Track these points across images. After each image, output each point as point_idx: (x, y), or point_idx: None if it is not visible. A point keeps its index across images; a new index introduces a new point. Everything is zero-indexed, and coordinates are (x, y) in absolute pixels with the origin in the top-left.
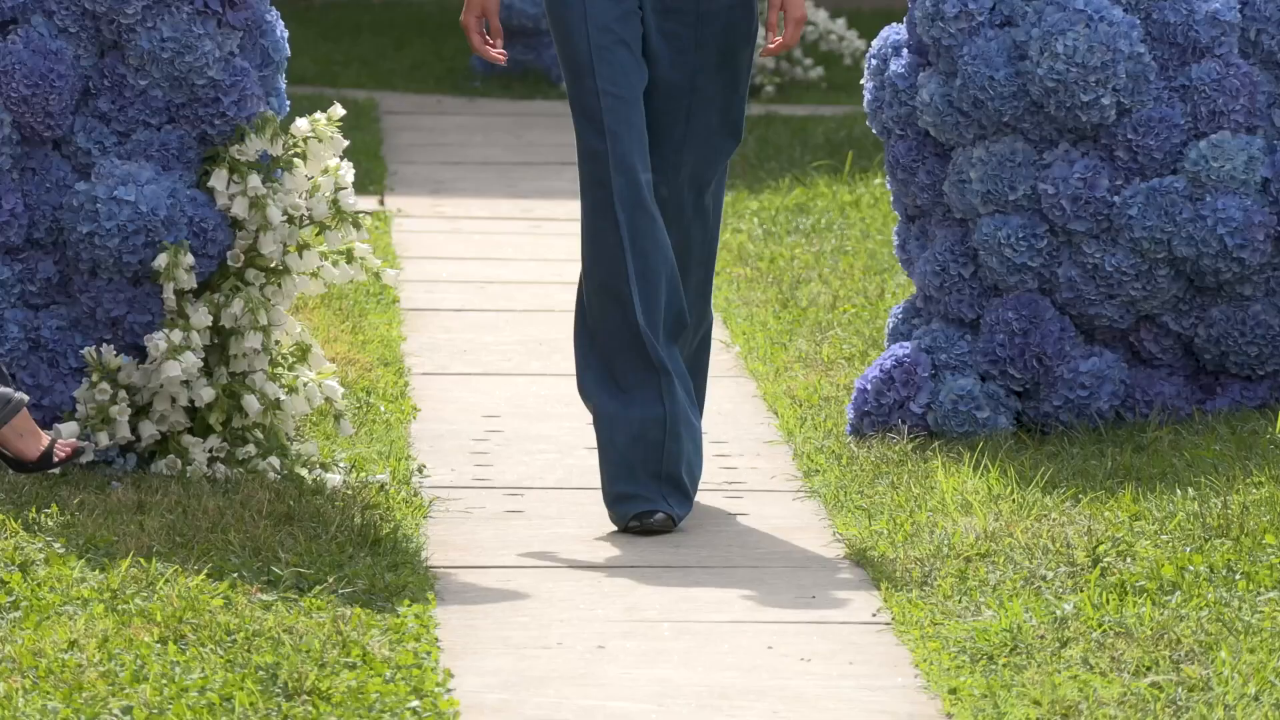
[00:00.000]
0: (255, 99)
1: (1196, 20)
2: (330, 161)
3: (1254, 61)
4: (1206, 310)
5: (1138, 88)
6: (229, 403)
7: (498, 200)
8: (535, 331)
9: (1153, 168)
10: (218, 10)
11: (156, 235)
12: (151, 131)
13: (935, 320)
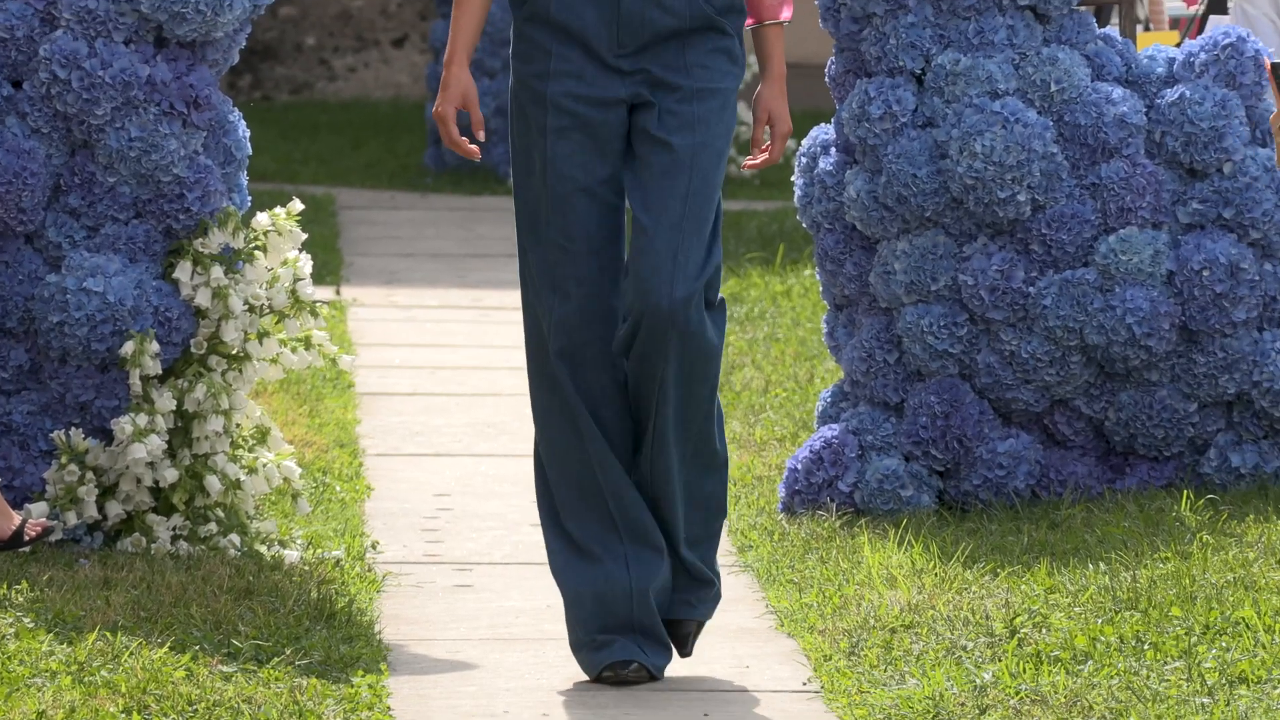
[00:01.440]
0: (218, 195)
1: (1105, 123)
2: (289, 253)
3: (1159, 161)
4: (1116, 395)
5: (1051, 185)
6: (192, 483)
7: (448, 290)
8: (483, 414)
9: (1065, 260)
10: (183, 111)
11: (123, 324)
12: (119, 226)
13: (862, 404)
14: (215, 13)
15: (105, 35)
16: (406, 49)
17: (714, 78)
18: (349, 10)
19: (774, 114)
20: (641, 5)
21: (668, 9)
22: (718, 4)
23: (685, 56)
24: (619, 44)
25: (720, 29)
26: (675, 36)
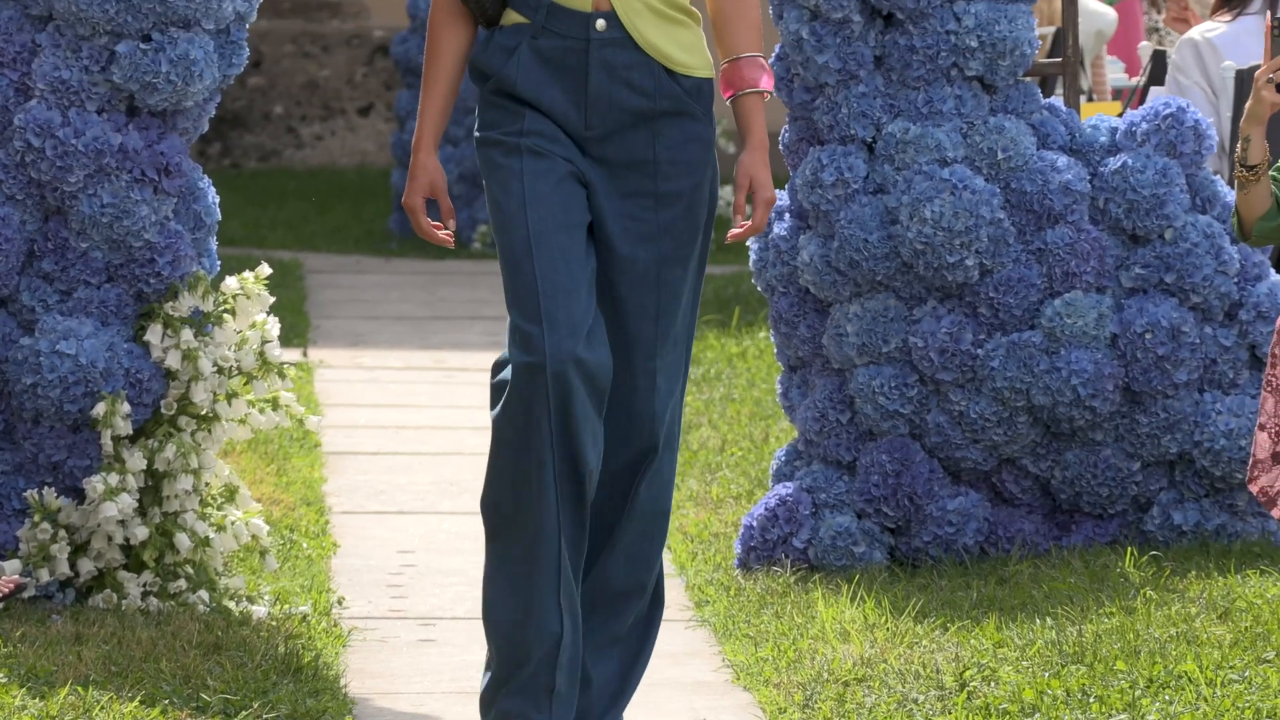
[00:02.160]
0: (188, 259)
1: (1051, 190)
2: (257, 316)
3: (1102, 227)
4: (1062, 454)
5: (998, 250)
6: (162, 540)
7: (412, 352)
8: (447, 473)
9: (1012, 323)
10: (154, 178)
11: (95, 386)
12: (92, 290)
13: (815, 462)
14: (185, 83)
15: (79, 105)
16: (372, 117)
17: (682, 174)
18: (316, 80)
19: (756, 181)
20: (609, 84)
21: (636, 88)
22: (686, 84)
23: (655, 148)
24: (587, 125)
25: (691, 113)
26: (645, 120)
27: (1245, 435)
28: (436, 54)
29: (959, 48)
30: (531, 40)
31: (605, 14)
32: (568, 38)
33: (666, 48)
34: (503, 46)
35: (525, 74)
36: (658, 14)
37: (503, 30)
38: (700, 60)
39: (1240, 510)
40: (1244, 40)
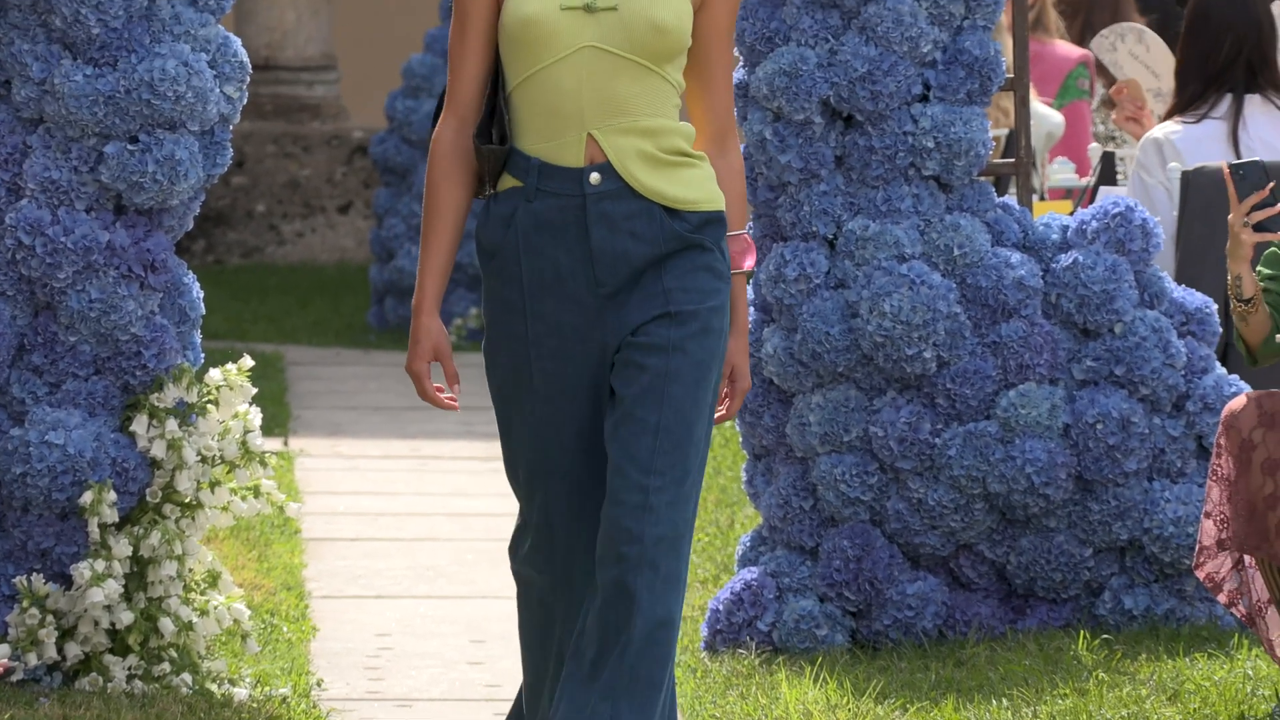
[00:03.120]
0: (173, 352)
1: (1005, 285)
2: (240, 407)
3: (1055, 321)
4: (1017, 540)
5: (955, 343)
6: (146, 625)
7: (390, 441)
8: (423, 558)
9: (969, 414)
10: (140, 274)
11: (83, 475)
12: (80, 382)
13: (779, 548)
14: (171, 182)
15: (68, 204)
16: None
17: (693, 299)
18: (297, 179)
19: (736, 369)
20: (612, 238)
21: (641, 237)
22: (693, 219)
23: (663, 281)
24: (597, 283)
25: (699, 244)
26: (653, 265)
27: (1193, 522)
28: (436, 212)
29: (916, 148)
30: (526, 204)
31: (599, 166)
32: (562, 196)
33: (666, 188)
34: (499, 216)
35: (526, 241)
36: (653, 160)
37: (498, 198)
38: (705, 194)
39: (1188, 595)
40: (1206, 143)
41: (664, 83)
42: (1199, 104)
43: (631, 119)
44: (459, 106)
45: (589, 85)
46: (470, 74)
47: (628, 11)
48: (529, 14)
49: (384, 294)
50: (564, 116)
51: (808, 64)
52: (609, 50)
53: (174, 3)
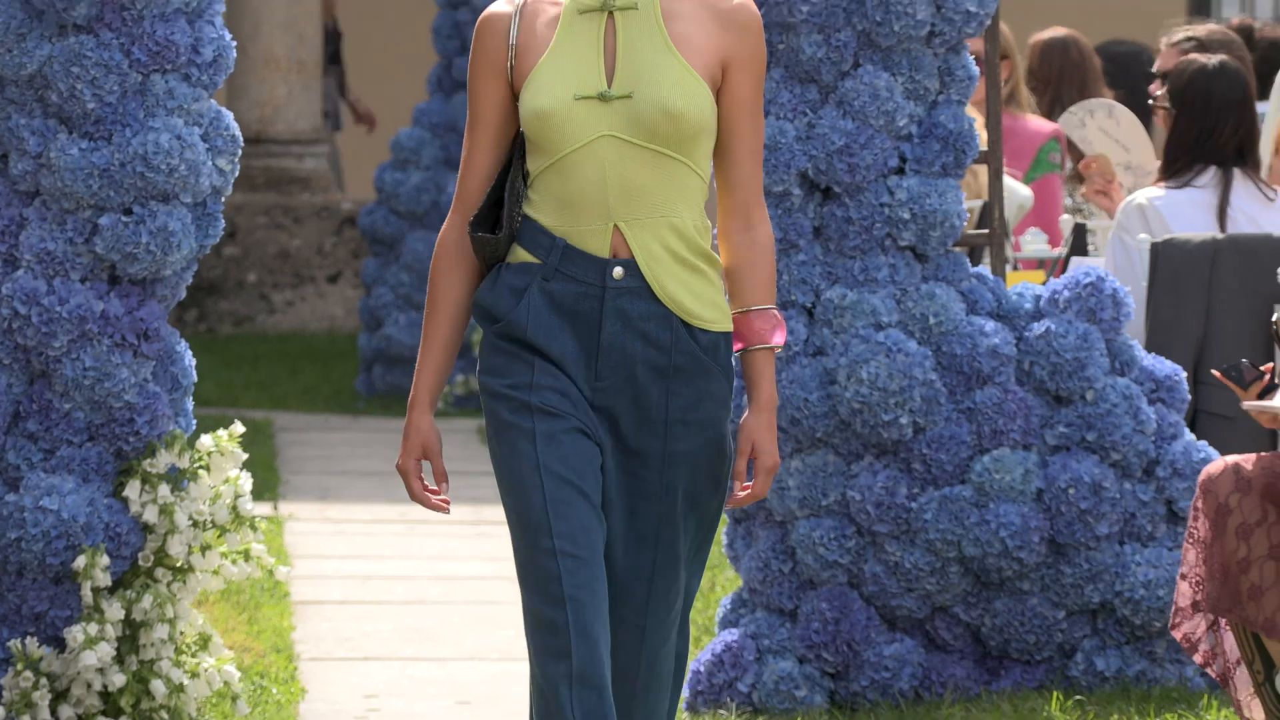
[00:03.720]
0: (166, 419)
1: (979, 353)
2: (231, 472)
3: (1028, 388)
4: (991, 603)
5: (930, 410)
6: (138, 687)
7: (377, 505)
8: (410, 620)
9: (944, 478)
10: (134, 343)
11: (76, 540)
12: (74, 448)
13: (759, 610)
14: (164, 253)
15: (63, 274)
16: (340, 284)
17: (694, 435)
18: (288, 250)
19: (759, 446)
20: (624, 336)
21: (652, 341)
22: (704, 340)
23: (666, 408)
24: (597, 376)
25: (708, 370)
26: (658, 375)
27: (1163, 585)
28: (437, 307)
29: (893, 219)
30: (543, 282)
31: (624, 261)
32: (582, 283)
33: (685, 300)
34: (511, 287)
35: (535, 320)
36: (680, 261)
37: (511, 269)
38: (718, 314)
39: (1159, 657)
40: (1188, 210)
41: (687, 170)
42: (1184, 173)
43: (659, 211)
44: (467, 206)
45: (611, 175)
46: (480, 172)
47: (641, 99)
48: (543, 106)
49: (372, 361)
50: (589, 205)
51: (786, 137)
52: (626, 139)
53: (168, 78)
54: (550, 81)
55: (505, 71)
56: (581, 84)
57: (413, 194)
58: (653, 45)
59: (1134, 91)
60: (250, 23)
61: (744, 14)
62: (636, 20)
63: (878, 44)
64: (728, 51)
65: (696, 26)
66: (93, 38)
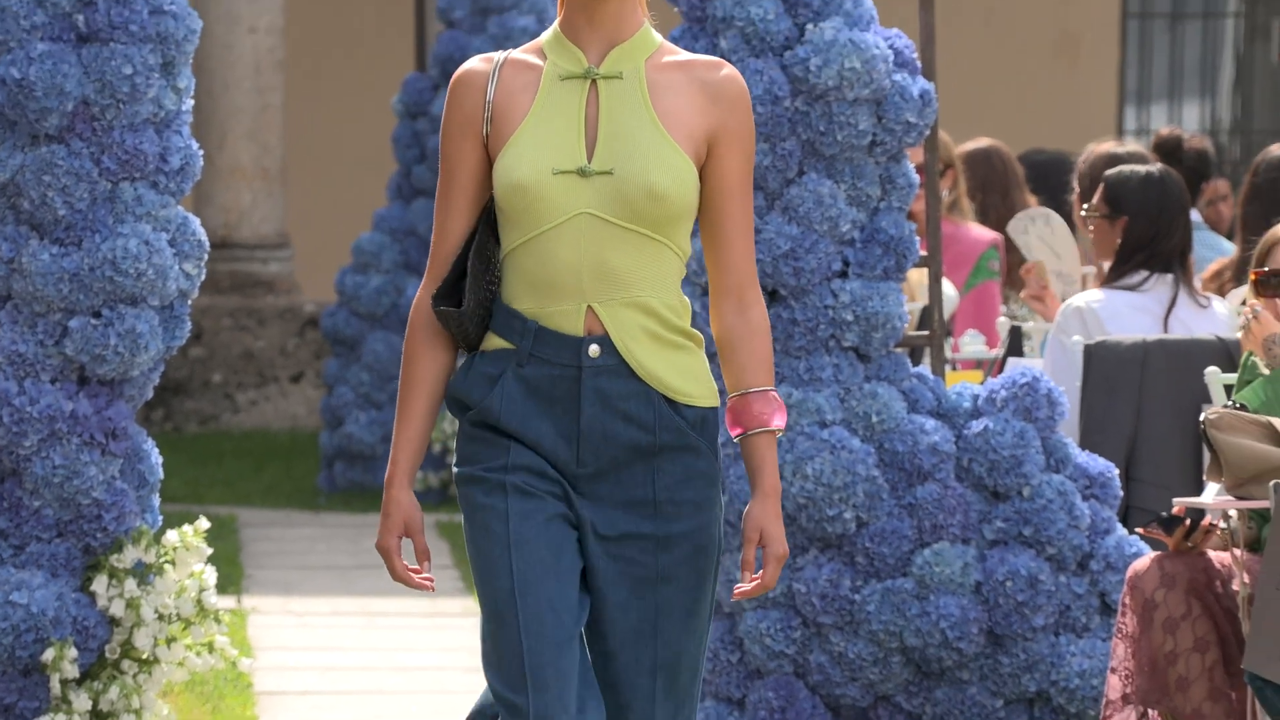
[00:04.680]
0: (133, 515)
1: (920, 450)
2: (196, 567)
3: (967, 484)
4: (932, 692)
5: (873, 505)
6: None
7: (339, 598)
8: (370, 711)
9: (886, 571)
10: (102, 441)
11: (45, 633)
12: (43, 544)
13: (709, 699)
14: (132, 354)
15: (34, 375)
16: (303, 384)
17: (685, 516)
18: (252, 350)
19: (767, 534)
20: (604, 418)
21: (634, 420)
22: (689, 415)
23: (654, 487)
24: (579, 462)
25: (694, 447)
26: (643, 456)
27: (1097, 675)
28: (413, 381)
29: (836, 321)
30: (517, 368)
31: (599, 338)
32: (557, 365)
33: (666, 375)
34: (485, 375)
35: (510, 405)
36: (656, 338)
37: (485, 356)
38: (703, 388)
39: None
40: (1126, 313)
41: (667, 251)
42: (1125, 277)
43: (634, 293)
44: (440, 271)
45: (588, 255)
46: (455, 237)
47: (623, 176)
48: (520, 179)
49: (333, 459)
50: (561, 286)
51: None
52: (605, 218)
53: (136, 186)
54: (528, 152)
55: (481, 132)
56: (560, 157)
57: (373, 296)
58: (637, 119)
59: (1054, 198)
60: (217, 133)
61: (732, 87)
62: (620, 91)
63: (821, 153)
64: (715, 127)
65: (683, 100)
66: (64, 147)
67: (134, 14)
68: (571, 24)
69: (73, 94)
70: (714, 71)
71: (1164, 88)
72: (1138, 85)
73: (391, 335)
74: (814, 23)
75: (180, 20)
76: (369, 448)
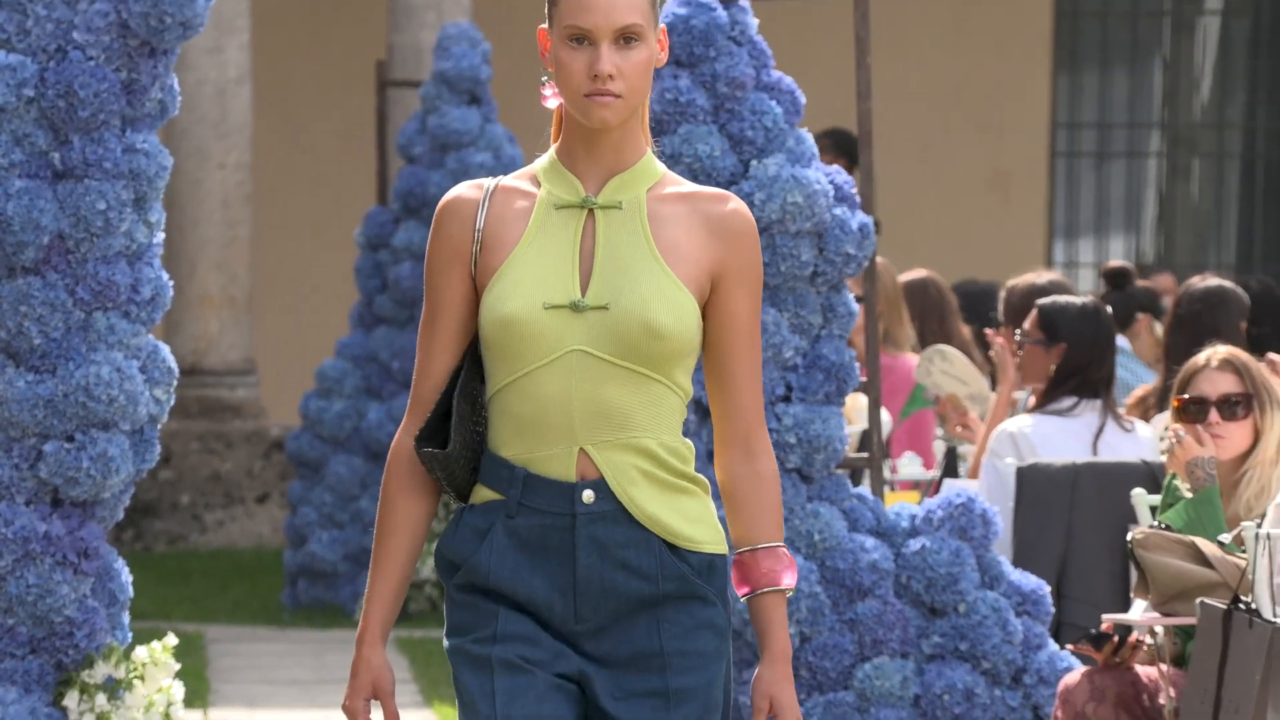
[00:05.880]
0: (103, 632)
1: (860, 567)
2: (164, 682)
3: (905, 601)
4: None
5: (816, 620)
6: None
7: (303, 712)
8: None
9: (829, 684)
10: (74, 561)
11: None
12: (16, 661)
13: None
14: (104, 477)
15: (9, 498)
16: (268, 505)
17: (694, 670)
18: (219, 473)
19: (778, 702)
20: (603, 568)
21: (636, 570)
22: (694, 561)
23: (660, 638)
24: (577, 618)
25: (701, 595)
26: (646, 607)
27: None
28: (389, 529)
29: (780, 444)
30: (506, 520)
31: (593, 483)
32: (549, 514)
33: (668, 519)
34: (473, 529)
35: (500, 560)
36: (656, 481)
37: (473, 510)
38: (709, 533)
39: None
40: (1057, 437)
41: (666, 391)
42: (1055, 403)
43: (630, 434)
44: (422, 409)
45: (579, 394)
46: (439, 374)
47: (619, 311)
48: (509, 313)
49: (297, 576)
50: (551, 428)
51: None
52: (599, 356)
53: (109, 315)
54: (517, 285)
55: (469, 262)
56: (552, 290)
57: (336, 420)
58: (636, 251)
59: (986, 325)
60: (187, 264)
61: (737, 220)
62: (619, 221)
63: (766, 283)
64: (720, 262)
65: (685, 232)
66: (40, 279)
67: (108, 152)
68: (569, 150)
69: (49, 228)
70: (719, 204)
71: (1091, 223)
72: (1066, 220)
73: (353, 458)
74: (758, 159)
75: (152, 158)
76: (331, 565)
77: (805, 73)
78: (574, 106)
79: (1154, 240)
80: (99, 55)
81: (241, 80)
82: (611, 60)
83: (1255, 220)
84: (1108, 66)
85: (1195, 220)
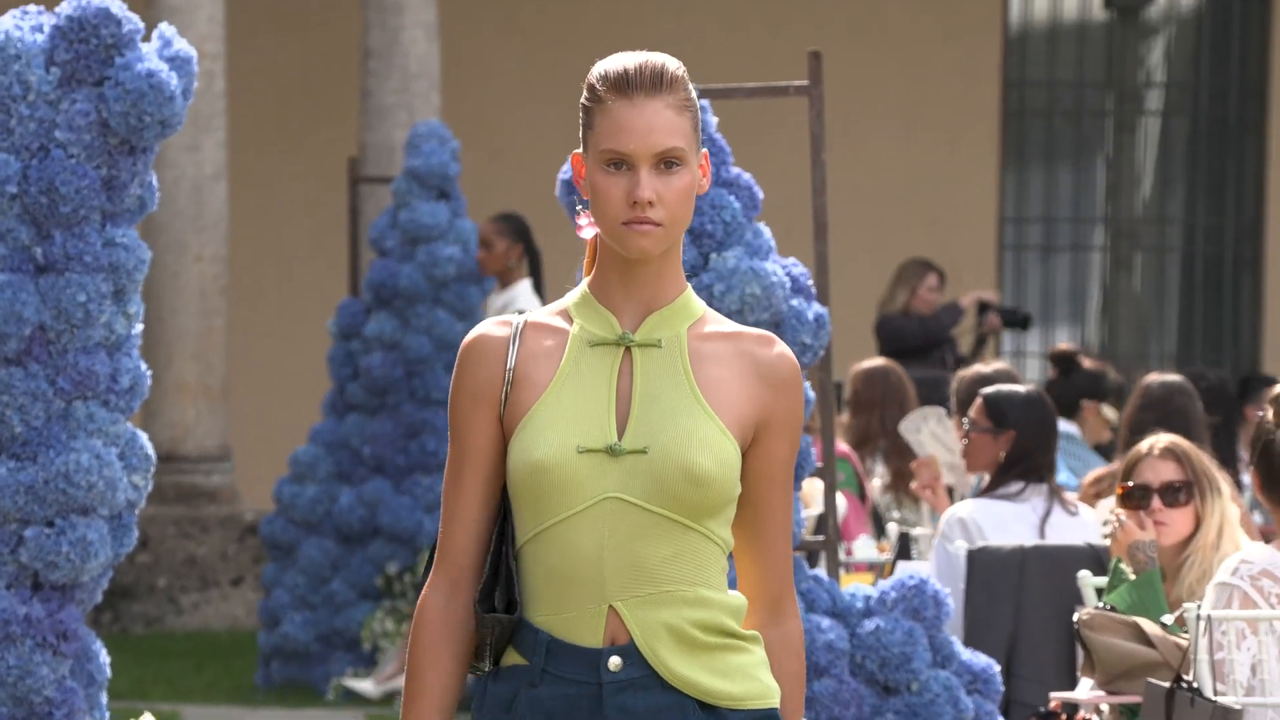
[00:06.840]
0: (82, 713)
1: (816, 647)
2: None
3: (860, 679)
4: None
5: None
6: None
7: None
8: None
9: None
10: (54, 643)
11: None
12: None
13: None
14: (83, 561)
15: None
16: (242, 587)
17: None
18: (195, 556)
19: None
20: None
21: None
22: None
23: None
24: None
25: None
26: None
27: None
28: (419, 694)
29: None
30: (529, 689)
31: (621, 648)
32: (574, 682)
33: (704, 680)
34: (497, 699)
35: None
36: (687, 640)
37: (498, 677)
38: (754, 687)
39: None
40: (1007, 521)
41: (706, 542)
42: (1003, 488)
43: (665, 588)
44: (451, 566)
45: (611, 545)
46: (467, 526)
47: (659, 456)
48: (540, 458)
49: (270, 657)
50: (580, 583)
51: None
52: (636, 503)
53: (89, 404)
54: (549, 427)
55: (498, 404)
56: (587, 434)
57: (308, 505)
58: (677, 392)
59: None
60: (164, 353)
61: (785, 367)
62: (658, 360)
63: None
64: (765, 410)
65: (731, 374)
66: (21, 369)
67: (88, 246)
68: (603, 284)
69: (30, 320)
70: (766, 347)
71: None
72: None
73: (325, 541)
74: (717, 252)
75: (131, 251)
76: (304, 646)
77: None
78: (611, 235)
79: (1098, 330)
80: (80, 153)
81: (218, 176)
82: (651, 186)
83: (1195, 312)
84: (1053, 164)
85: (1138, 311)
